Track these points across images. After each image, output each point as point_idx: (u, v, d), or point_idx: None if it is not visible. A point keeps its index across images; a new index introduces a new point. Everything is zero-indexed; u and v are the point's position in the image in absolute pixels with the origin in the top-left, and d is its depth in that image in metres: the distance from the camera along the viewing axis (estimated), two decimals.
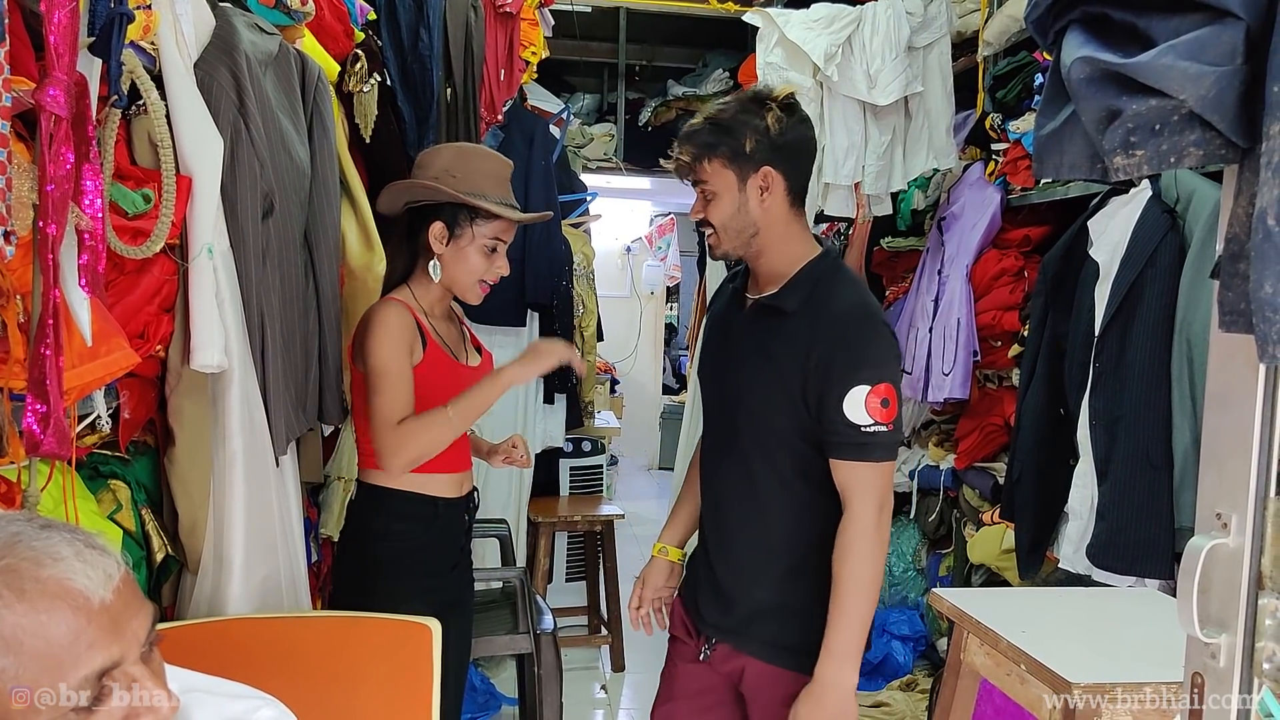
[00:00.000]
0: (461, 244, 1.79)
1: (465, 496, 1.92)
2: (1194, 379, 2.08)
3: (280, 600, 1.61)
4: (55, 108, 0.99)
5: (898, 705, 3.12)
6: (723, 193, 1.57)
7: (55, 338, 1.02)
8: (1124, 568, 2.17)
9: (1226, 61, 0.65)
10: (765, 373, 1.57)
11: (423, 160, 1.83)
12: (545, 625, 2.64)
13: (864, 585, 1.49)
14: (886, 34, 2.98)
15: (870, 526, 1.50)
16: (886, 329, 1.55)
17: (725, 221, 1.58)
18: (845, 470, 1.51)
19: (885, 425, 1.48)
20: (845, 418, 1.48)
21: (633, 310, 7.42)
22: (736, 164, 1.55)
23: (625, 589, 3.89)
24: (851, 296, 1.56)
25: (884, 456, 1.50)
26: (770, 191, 1.55)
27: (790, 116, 1.55)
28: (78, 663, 0.78)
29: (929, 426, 3.65)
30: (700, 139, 1.56)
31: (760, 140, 1.53)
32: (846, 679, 1.49)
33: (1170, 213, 2.18)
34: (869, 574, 1.50)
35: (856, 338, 1.51)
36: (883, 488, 1.51)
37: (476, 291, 1.84)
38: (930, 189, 3.45)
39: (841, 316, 1.52)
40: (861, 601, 1.49)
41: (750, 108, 1.55)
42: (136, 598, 0.85)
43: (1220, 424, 0.77)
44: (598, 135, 5.06)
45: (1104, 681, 1.38)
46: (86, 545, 0.82)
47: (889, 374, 1.50)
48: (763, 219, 1.57)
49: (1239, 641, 0.75)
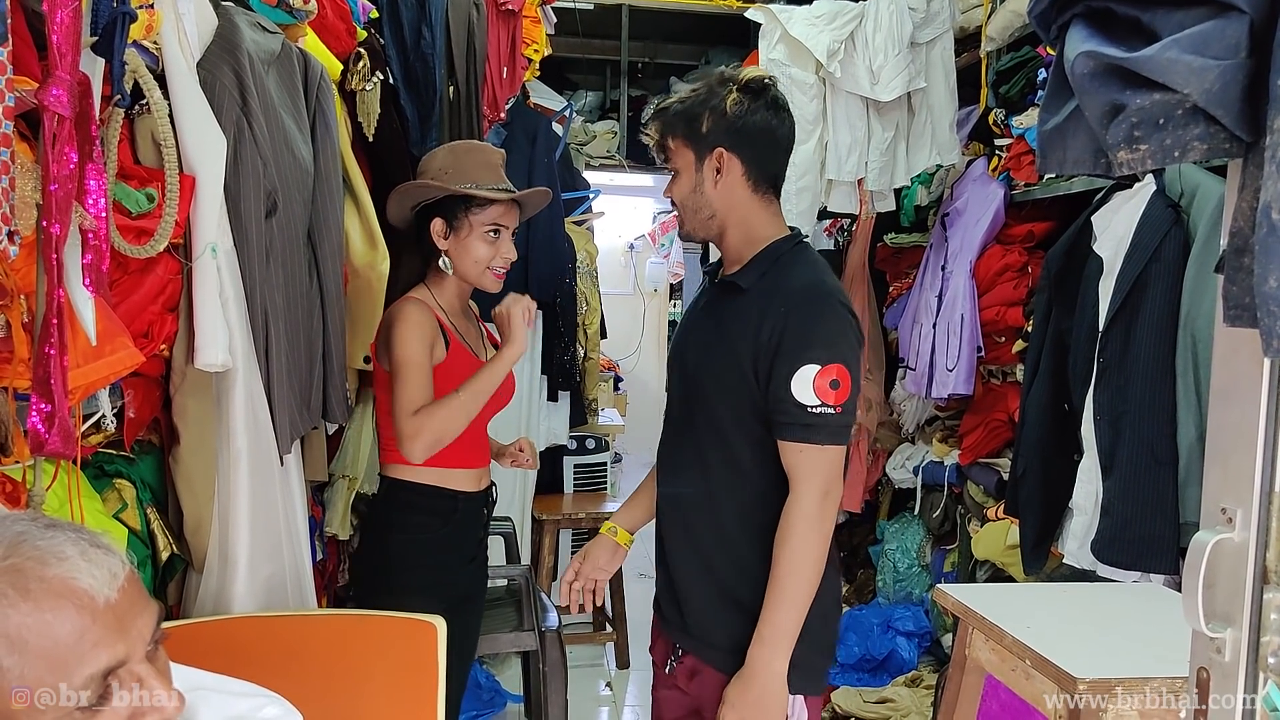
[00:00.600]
0: (462, 235, 1.84)
1: (484, 491, 1.97)
2: (1199, 374, 2.07)
3: (285, 599, 1.61)
4: (58, 107, 0.99)
5: (903, 701, 3.11)
6: (682, 171, 1.56)
7: (60, 337, 1.03)
8: (1129, 563, 2.16)
9: (1230, 55, 0.65)
10: (718, 352, 1.54)
11: (423, 164, 1.89)
12: (550, 622, 2.64)
13: (800, 571, 1.43)
14: (889, 30, 2.97)
15: (812, 511, 1.44)
16: (843, 309, 1.49)
17: (683, 200, 1.57)
18: (791, 452, 1.45)
19: (833, 407, 1.42)
20: (793, 397, 1.43)
21: (636, 307, 7.42)
22: (693, 143, 1.53)
23: (629, 586, 3.90)
24: (807, 275, 1.51)
25: (831, 439, 1.44)
26: (724, 174, 1.52)
27: (752, 99, 1.51)
28: (83, 662, 0.78)
29: (933, 422, 3.64)
30: (666, 116, 1.57)
31: (717, 121, 1.51)
32: (777, 665, 1.43)
33: (1174, 207, 2.18)
34: (808, 560, 1.43)
35: (807, 315, 1.46)
36: (828, 472, 1.45)
37: (490, 279, 1.88)
38: (933, 185, 3.45)
39: (793, 293, 1.48)
40: (797, 587, 1.43)
41: (715, 89, 1.53)
42: (141, 597, 0.85)
43: (1225, 419, 0.77)
44: (600, 133, 5.05)
45: (1109, 677, 1.38)
46: (91, 544, 0.82)
47: (841, 355, 1.44)
48: (718, 201, 1.54)
49: (1244, 636, 0.74)
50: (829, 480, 1.45)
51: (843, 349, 1.45)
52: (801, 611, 1.44)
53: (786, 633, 1.44)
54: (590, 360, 4.02)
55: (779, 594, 1.44)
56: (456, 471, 1.89)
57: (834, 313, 1.47)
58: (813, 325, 1.45)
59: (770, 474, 1.50)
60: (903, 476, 3.65)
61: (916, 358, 3.28)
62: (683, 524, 1.61)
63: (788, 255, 1.54)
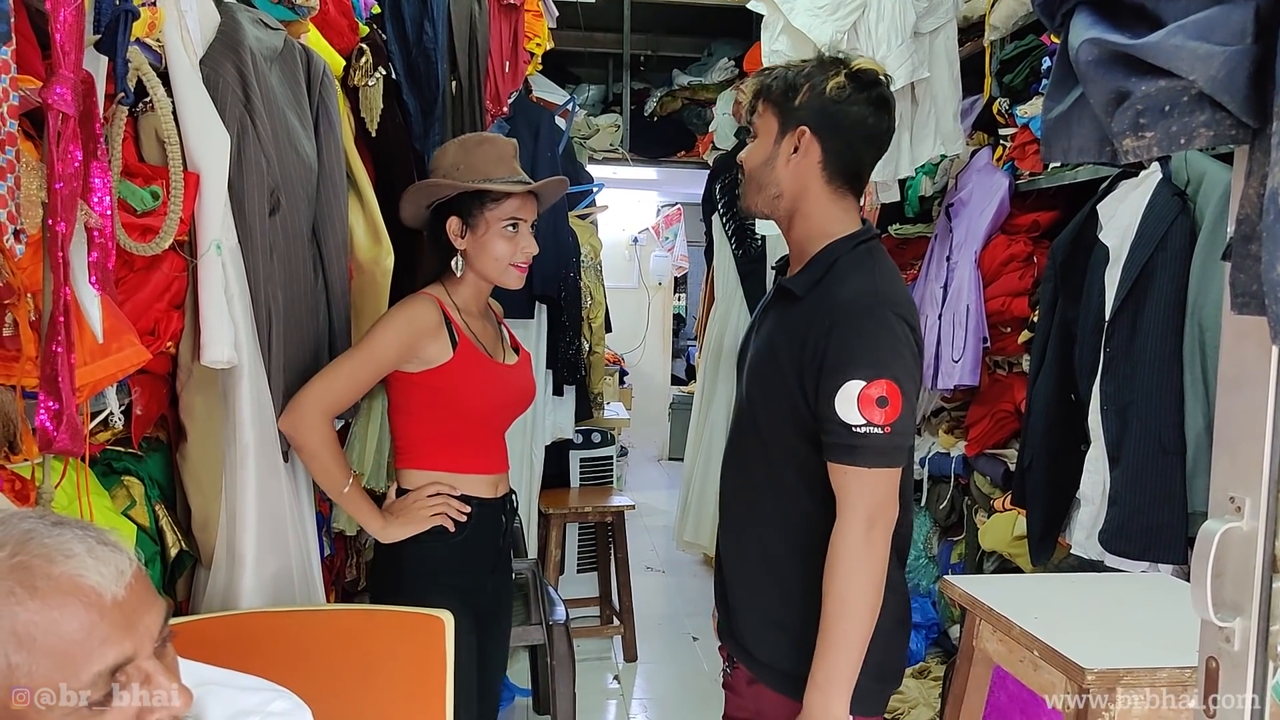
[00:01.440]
0: (479, 232, 1.76)
1: (502, 498, 1.88)
2: (1206, 362, 2.06)
3: (293, 594, 1.62)
4: (62, 106, 0.99)
5: (911, 693, 3.12)
6: (761, 137, 1.49)
7: (66, 335, 1.03)
8: (1137, 553, 2.16)
9: (1236, 41, 0.65)
10: (768, 364, 1.47)
11: (433, 162, 1.83)
12: (557, 616, 2.65)
13: (850, 609, 1.33)
14: (892, 20, 2.96)
15: (856, 540, 1.34)
16: (897, 320, 1.38)
17: (753, 169, 1.50)
18: (837, 474, 1.37)
19: (880, 427, 1.32)
20: (837, 415, 1.34)
21: (640, 301, 7.43)
22: (781, 113, 1.46)
23: (637, 580, 3.91)
24: (862, 282, 1.41)
25: (878, 463, 1.34)
26: (801, 154, 1.45)
27: (856, 89, 1.43)
28: (90, 659, 0.79)
29: (939, 414, 3.64)
30: (767, 78, 1.49)
31: (813, 99, 1.43)
32: (835, 710, 1.35)
33: (1180, 195, 2.17)
34: (858, 595, 1.33)
35: (853, 328, 1.36)
36: (875, 497, 1.34)
37: (513, 274, 1.80)
38: (938, 175, 3.44)
39: (843, 303, 1.38)
40: (848, 627, 1.33)
41: (824, 66, 1.45)
42: (149, 593, 0.85)
43: (1233, 407, 0.77)
44: (603, 126, 5.05)
45: (1118, 667, 1.38)
46: (99, 542, 0.83)
47: (890, 370, 1.34)
48: (787, 182, 1.47)
49: (1253, 625, 0.74)
50: (875, 506, 1.35)
51: (891, 364, 1.35)
52: (858, 650, 1.35)
53: (843, 676, 1.35)
54: (595, 354, 4.02)
55: (830, 636, 1.35)
56: (471, 477, 1.80)
57: (883, 324, 1.37)
58: (858, 338, 1.35)
59: (818, 495, 1.41)
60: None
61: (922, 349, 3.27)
62: (735, 532, 1.57)
63: (846, 258, 1.45)
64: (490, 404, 1.81)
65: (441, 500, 1.75)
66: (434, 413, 1.76)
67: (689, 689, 3.54)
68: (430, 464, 1.78)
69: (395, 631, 1.57)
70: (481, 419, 1.81)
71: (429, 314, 1.72)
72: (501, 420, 1.87)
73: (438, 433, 1.77)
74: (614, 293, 4.90)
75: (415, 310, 1.72)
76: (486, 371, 1.78)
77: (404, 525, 1.74)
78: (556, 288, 3.54)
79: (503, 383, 1.82)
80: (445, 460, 1.78)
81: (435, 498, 1.75)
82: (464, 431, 1.79)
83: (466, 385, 1.75)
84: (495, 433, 1.87)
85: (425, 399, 1.75)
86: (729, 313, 4.44)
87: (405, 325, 1.70)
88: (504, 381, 1.83)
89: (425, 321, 1.71)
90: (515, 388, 1.87)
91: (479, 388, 1.77)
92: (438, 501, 1.75)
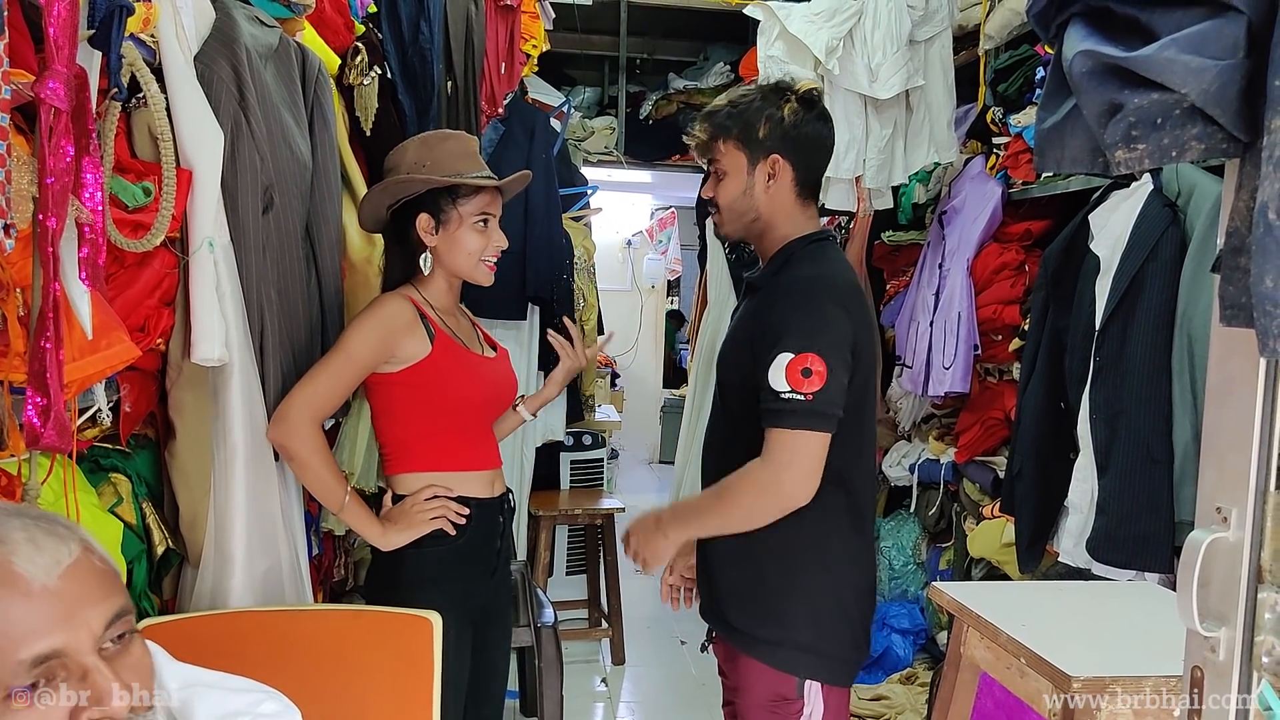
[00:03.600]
0: (451, 228, 1.74)
1: (499, 497, 1.84)
2: (1195, 373, 2.07)
3: (282, 593, 1.61)
4: (55, 100, 0.98)
5: (897, 699, 3.12)
6: (732, 174, 1.63)
7: (55, 331, 1.02)
8: (1124, 561, 2.17)
9: (1228, 55, 0.65)
10: (736, 348, 1.64)
11: (391, 161, 1.78)
12: (546, 618, 2.65)
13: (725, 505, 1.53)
14: (888, 27, 2.97)
15: (763, 476, 1.48)
16: (833, 302, 1.52)
17: (730, 202, 1.64)
18: (768, 438, 1.49)
19: (803, 395, 1.45)
20: (768, 383, 1.47)
21: (633, 304, 7.42)
22: (747, 148, 1.60)
23: (626, 583, 3.91)
24: (809, 270, 1.57)
25: (798, 424, 1.46)
26: (776, 179, 1.60)
27: (808, 111, 1.60)
28: (16, 646, 0.75)
29: (929, 420, 3.65)
30: (718, 119, 1.63)
31: (774, 128, 1.58)
32: (672, 533, 1.60)
33: (1171, 207, 2.18)
34: (736, 503, 1.51)
35: (792, 305, 1.52)
36: (788, 454, 1.46)
37: (484, 270, 1.78)
38: (931, 183, 3.45)
39: (788, 285, 1.56)
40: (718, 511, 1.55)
41: (770, 97, 1.61)
42: (98, 588, 0.81)
43: (1221, 418, 0.77)
44: (598, 128, 5.04)
45: (1104, 675, 1.38)
46: (45, 532, 0.80)
47: (821, 345, 1.47)
48: (766, 205, 1.62)
49: (1239, 635, 0.75)
50: (787, 462, 1.47)
51: (819, 340, 1.47)
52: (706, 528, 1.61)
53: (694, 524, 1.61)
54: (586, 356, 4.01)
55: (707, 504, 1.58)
56: (465, 475, 1.77)
57: (818, 304, 1.52)
58: (793, 314, 1.51)
59: None
60: (899, 474, 3.66)
61: (913, 355, 3.28)
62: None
63: (800, 253, 1.61)
64: (474, 395, 1.78)
65: (439, 504, 1.73)
66: (419, 410, 1.73)
67: (676, 692, 3.53)
68: (422, 465, 1.75)
69: (384, 632, 1.57)
70: (467, 411, 1.78)
71: (402, 310, 1.70)
72: (487, 413, 1.84)
73: (425, 430, 1.74)
74: (607, 295, 4.90)
75: (388, 308, 1.69)
76: (467, 363, 1.76)
77: (403, 532, 1.71)
78: (549, 289, 3.53)
79: (485, 374, 1.80)
80: (437, 459, 1.75)
81: (433, 501, 1.73)
82: (451, 426, 1.76)
83: (448, 378, 1.73)
84: (484, 426, 1.84)
85: (409, 397, 1.72)
86: (721, 317, 4.45)
87: (380, 322, 1.67)
88: (486, 373, 1.81)
89: (399, 318, 1.69)
90: (497, 380, 1.85)
91: (461, 379, 1.74)
92: (436, 505, 1.73)
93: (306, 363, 1.71)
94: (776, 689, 1.57)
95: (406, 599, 1.67)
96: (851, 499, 1.59)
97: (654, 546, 1.62)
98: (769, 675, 1.58)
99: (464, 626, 1.75)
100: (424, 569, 1.74)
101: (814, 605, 1.58)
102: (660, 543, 1.61)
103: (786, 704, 1.57)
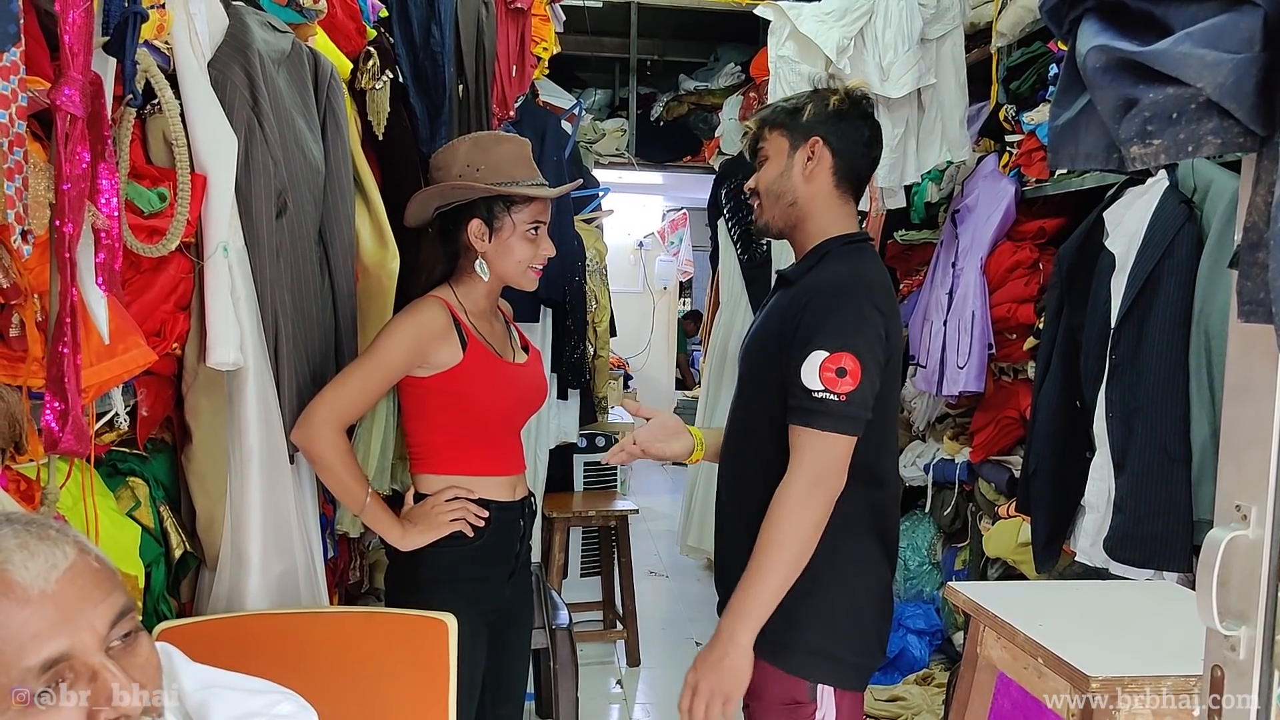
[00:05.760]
0: (504, 236, 1.73)
1: (521, 501, 1.85)
2: (1212, 370, 2.06)
3: (297, 596, 1.62)
4: (71, 107, 0.99)
5: (914, 699, 3.11)
6: (773, 157, 1.63)
7: (73, 336, 1.03)
8: (1142, 560, 2.15)
9: (1244, 49, 0.65)
10: (762, 342, 1.62)
11: (440, 161, 1.76)
12: (561, 620, 2.65)
13: (778, 551, 1.43)
14: (899, 26, 2.96)
15: (798, 493, 1.44)
16: (867, 302, 1.50)
17: (769, 185, 1.64)
18: (794, 435, 1.47)
19: (837, 395, 1.43)
20: (800, 381, 1.45)
21: (645, 305, 7.42)
22: (789, 131, 1.61)
23: (640, 584, 3.91)
24: (843, 268, 1.55)
25: (831, 426, 1.44)
26: (816, 162, 1.59)
27: (853, 105, 1.61)
28: (21, 654, 0.76)
29: (944, 420, 3.63)
30: (767, 112, 1.66)
31: (817, 113, 1.59)
32: (741, 637, 1.45)
33: (1187, 203, 2.16)
34: (785, 541, 1.43)
35: (826, 304, 1.49)
36: (823, 460, 1.45)
37: (530, 277, 1.78)
38: (944, 182, 3.44)
39: (821, 284, 1.53)
40: (772, 567, 1.44)
41: (821, 92, 1.64)
42: (97, 588, 0.81)
43: (1239, 415, 0.77)
44: (610, 131, 5.05)
45: (1122, 675, 1.37)
46: (37, 537, 0.80)
47: (853, 345, 1.45)
48: (803, 189, 1.60)
49: (1259, 634, 0.74)
50: (823, 468, 1.45)
51: (855, 340, 1.46)
52: (774, 592, 1.45)
53: (756, 605, 1.45)
54: (600, 358, 4.02)
55: (754, 568, 1.45)
56: (488, 479, 1.78)
57: (853, 304, 1.50)
58: (828, 313, 1.48)
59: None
60: (914, 474, 3.64)
61: (927, 355, 3.27)
62: (726, 500, 1.69)
63: (836, 251, 1.59)
64: (503, 404, 1.79)
65: (460, 505, 1.74)
66: (448, 416, 1.74)
67: None
68: (447, 468, 1.76)
69: (399, 634, 1.57)
70: (495, 420, 1.79)
71: (437, 317, 1.70)
72: (515, 419, 1.85)
73: (452, 437, 1.76)
74: (619, 297, 4.89)
75: (423, 314, 1.70)
76: (498, 372, 1.76)
77: (423, 532, 1.72)
78: (562, 291, 3.54)
79: (514, 382, 1.81)
80: (461, 464, 1.76)
81: (453, 503, 1.73)
82: (478, 434, 1.77)
83: (479, 387, 1.73)
84: (510, 433, 1.84)
85: (438, 403, 1.73)
86: (734, 317, 4.44)
87: (413, 330, 1.68)
88: (516, 380, 1.81)
89: (433, 325, 1.69)
90: (527, 386, 1.86)
91: (491, 389, 1.75)
92: (456, 506, 1.73)
93: (321, 366, 1.72)
94: (789, 692, 1.55)
95: (424, 598, 1.68)
96: (872, 502, 1.56)
97: (724, 672, 1.45)
98: (781, 679, 1.55)
99: (480, 627, 1.75)
100: (442, 569, 1.74)
101: (828, 609, 1.55)
102: (730, 663, 1.45)
103: (799, 708, 1.55)
